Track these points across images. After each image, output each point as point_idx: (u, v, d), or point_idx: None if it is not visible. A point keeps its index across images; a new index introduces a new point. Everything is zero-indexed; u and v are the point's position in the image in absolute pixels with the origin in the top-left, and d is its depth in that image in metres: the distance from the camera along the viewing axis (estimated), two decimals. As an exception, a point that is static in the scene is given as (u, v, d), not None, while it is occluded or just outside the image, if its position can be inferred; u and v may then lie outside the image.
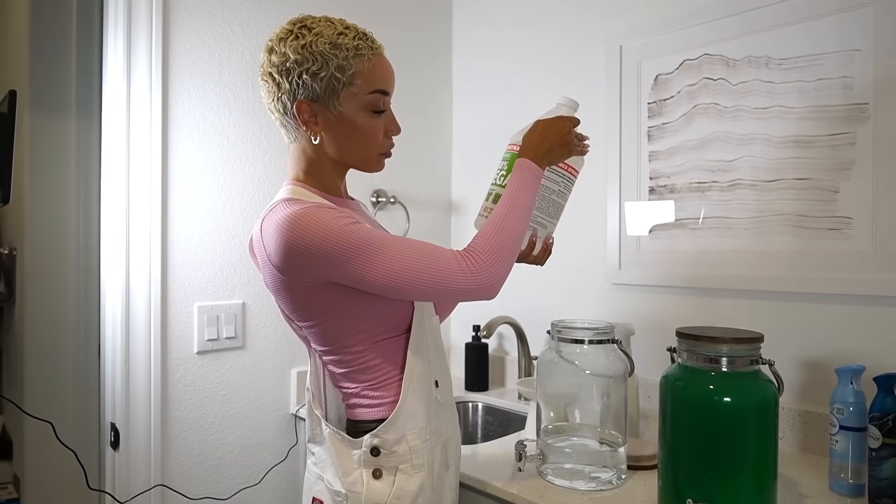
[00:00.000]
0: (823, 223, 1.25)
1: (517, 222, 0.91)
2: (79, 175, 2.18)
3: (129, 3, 1.37)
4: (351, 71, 0.87)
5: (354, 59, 0.87)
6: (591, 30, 1.66)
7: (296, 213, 0.82)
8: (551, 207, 1.04)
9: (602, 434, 1.14)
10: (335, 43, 0.86)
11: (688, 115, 1.45)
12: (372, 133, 0.91)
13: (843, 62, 1.23)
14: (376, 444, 0.89)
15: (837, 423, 1.05)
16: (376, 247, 0.83)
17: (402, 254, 0.84)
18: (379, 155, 0.95)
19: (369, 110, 0.90)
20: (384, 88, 0.91)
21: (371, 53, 0.89)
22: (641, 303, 1.54)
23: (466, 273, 0.85)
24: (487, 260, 0.86)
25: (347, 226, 0.83)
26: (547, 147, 0.97)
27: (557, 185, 1.04)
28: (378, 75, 0.90)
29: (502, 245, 0.88)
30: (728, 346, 0.90)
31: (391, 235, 0.88)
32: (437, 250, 0.86)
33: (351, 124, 0.89)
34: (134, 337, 1.37)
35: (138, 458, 1.35)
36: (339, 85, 0.87)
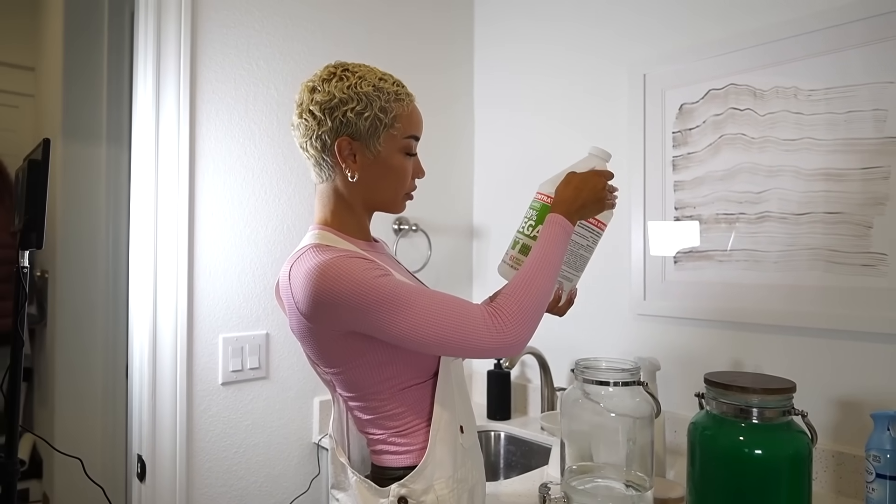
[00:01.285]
0: (856, 259, 1.22)
1: (546, 281, 0.90)
2: (108, 200, 2.24)
3: (157, 40, 1.40)
4: (392, 114, 0.91)
5: (395, 103, 0.91)
6: (614, 58, 1.65)
7: (325, 263, 0.82)
8: (578, 261, 1.03)
9: (628, 475, 1.12)
10: (377, 86, 0.90)
11: (714, 146, 1.43)
12: (404, 175, 0.95)
13: (875, 94, 1.20)
14: (404, 494, 0.88)
15: (874, 471, 1.01)
16: (404, 301, 0.83)
17: (429, 309, 0.83)
18: (404, 195, 0.98)
19: (404, 153, 0.93)
20: (418, 134, 0.96)
21: (408, 100, 0.94)
22: (667, 334, 1.52)
23: (493, 332, 0.84)
24: (515, 321, 0.85)
25: (377, 278, 0.83)
26: (581, 203, 0.95)
27: (586, 239, 1.02)
28: (414, 121, 0.94)
29: (531, 305, 0.87)
30: (759, 396, 0.88)
31: (419, 289, 0.86)
32: (464, 307, 0.85)
33: (387, 165, 0.92)
34: (161, 369, 1.39)
35: (164, 490, 1.37)
36: (380, 126, 0.90)
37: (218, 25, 1.48)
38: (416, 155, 0.97)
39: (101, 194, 2.23)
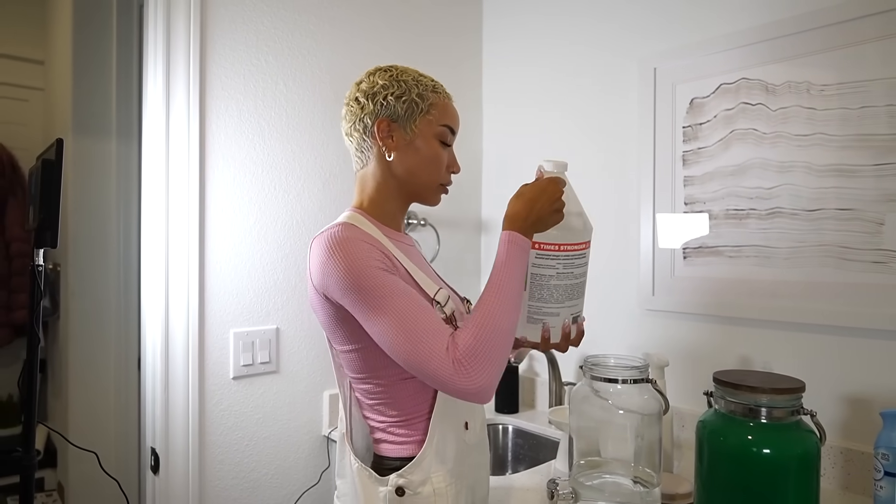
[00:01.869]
0: (868, 256, 1.21)
1: (505, 308, 0.84)
2: (119, 195, 2.26)
3: (167, 36, 1.41)
4: (429, 102, 0.97)
5: (432, 94, 0.98)
6: (624, 52, 1.64)
7: (338, 237, 0.87)
8: (556, 294, 0.92)
9: (636, 472, 1.13)
10: (416, 78, 0.98)
11: (724, 141, 1.42)
12: (438, 161, 0.98)
13: (888, 90, 1.18)
14: (402, 485, 0.90)
15: (882, 469, 1.01)
16: (382, 302, 0.83)
17: (398, 321, 0.82)
18: (439, 185, 1.01)
19: (438, 140, 0.98)
20: (453, 126, 1.00)
21: (445, 94, 1.00)
22: (675, 330, 1.52)
23: (452, 374, 0.80)
24: (475, 362, 0.80)
25: (372, 268, 0.85)
26: (536, 215, 0.88)
27: (553, 268, 0.90)
28: (450, 113, 1.00)
29: (491, 340, 0.81)
30: (768, 396, 0.88)
31: (404, 297, 0.84)
32: (431, 334, 0.82)
33: (422, 149, 0.97)
34: (173, 363, 1.40)
35: (178, 482, 1.39)
36: (417, 110, 0.96)
37: (227, 21, 1.48)
38: (451, 147, 1.01)
39: (112, 189, 2.25)
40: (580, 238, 0.92)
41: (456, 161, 1.02)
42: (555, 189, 0.90)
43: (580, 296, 0.95)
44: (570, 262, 0.91)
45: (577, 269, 0.93)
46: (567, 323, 0.94)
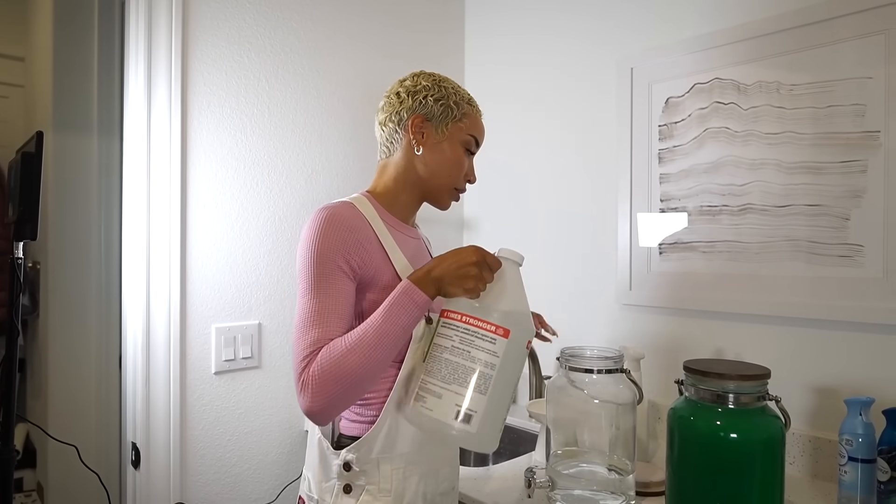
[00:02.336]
0: (835, 250, 1.25)
1: (371, 352, 0.83)
2: (100, 191, 2.24)
3: (149, 32, 1.41)
4: (462, 111, 1.04)
5: (467, 105, 1.05)
6: (603, 52, 1.67)
7: (328, 216, 0.92)
8: (444, 370, 0.84)
9: (611, 460, 1.15)
10: (456, 89, 1.06)
11: (699, 139, 1.46)
12: (459, 165, 1.05)
13: (854, 89, 1.23)
14: (349, 460, 0.93)
15: (846, 454, 1.05)
16: (310, 291, 0.89)
17: (305, 313, 0.88)
18: (454, 189, 1.06)
19: (464, 147, 1.05)
20: (479, 138, 1.07)
21: (478, 109, 1.08)
22: (651, 324, 1.55)
23: (298, 384, 0.84)
24: (314, 386, 0.82)
25: (331, 261, 0.90)
26: (439, 272, 0.85)
27: (450, 339, 0.85)
28: (479, 126, 1.07)
29: (334, 376, 0.82)
30: (735, 382, 0.91)
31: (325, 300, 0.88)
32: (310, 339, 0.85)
33: (447, 151, 1.03)
34: (154, 358, 1.41)
35: (158, 477, 1.39)
36: (450, 115, 1.03)
37: (209, 17, 1.49)
38: (472, 158, 1.08)
39: (93, 185, 2.24)
40: (495, 321, 0.84)
41: (474, 171, 1.09)
42: (468, 255, 0.86)
43: (476, 390, 0.82)
44: (469, 338, 0.83)
45: (477, 353, 0.83)
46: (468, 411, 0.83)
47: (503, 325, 0.83)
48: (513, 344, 0.84)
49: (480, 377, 0.83)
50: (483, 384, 0.83)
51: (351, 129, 1.76)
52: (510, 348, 0.84)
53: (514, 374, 0.87)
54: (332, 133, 1.72)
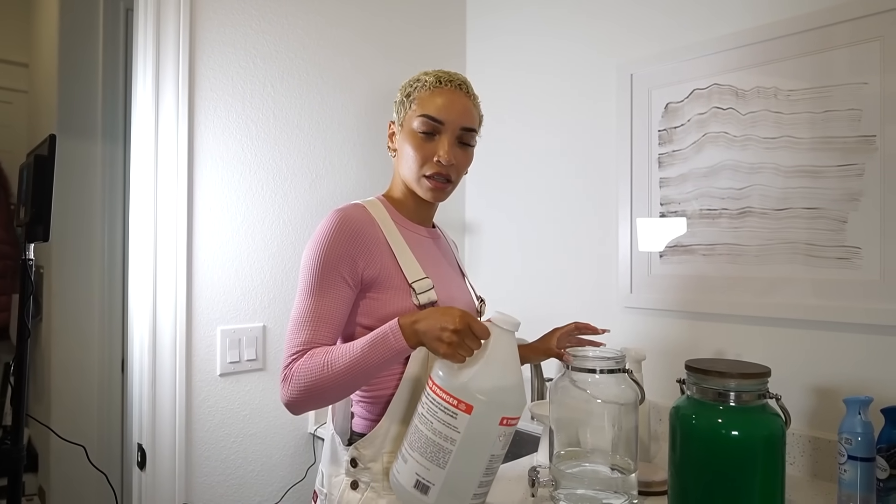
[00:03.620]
0: (832, 252, 1.27)
1: (340, 376, 0.86)
2: (104, 196, 2.26)
3: (157, 39, 1.43)
4: (412, 98, 1.02)
5: (420, 89, 1.02)
6: (603, 58, 1.70)
7: (338, 220, 0.96)
8: (413, 436, 0.83)
9: (614, 460, 1.17)
10: (417, 78, 1.04)
11: (698, 144, 1.48)
12: (412, 153, 1.00)
13: (850, 94, 1.25)
14: (355, 457, 0.95)
15: (846, 453, 1.06)
16: (308, 292, 0.94)
17: (300, 312, 0.93)
18: (422, 177, 1.01)
19: (417, 132, 1.00)
20: (434, 115, 0.99)
21: (434, 85, 1.01)
22: (653, 326, 1.57)
23: (282, 375, 0.91)
24: (295, 384, 0.88)
25: (333, 266, 0.93)
26: (422, 327, 0.84)
27: (422, 405, 0.83)
28: (431, 102, 1.00)
29: (313, 384, 0.86)
30: (736, 380, 0.92)
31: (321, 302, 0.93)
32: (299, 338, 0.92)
33: (404, 143, 1.03)
34: (160, 360, 1.42)
35: (164, 478, 1.40)
36: (404, 108, 1.03)
37: (216, 24, 1.51)
38: (437, 136, 1.00)
39: (97, 190, 2.25)
40: (457, 394, 0.79)
41: (442, 150, 0.99)
42: (451, 320, 0.82)
43: (434, 462, 0.80)
44: (434, 410, 0.81)
45: (438, 426, 0.80)
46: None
47: (466, 400, 0.79)
48: (478, 420, 0.79)
49: (439, 450, 0.80)
50: (442, 457, 0.80)
51: (355, 134, 1.78)
52: (474, 424, 0.79)
53: (482, 451, 0.81)
54: (336, 137, 1.74)
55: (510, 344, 0.83)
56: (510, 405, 0.82)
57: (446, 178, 1.01)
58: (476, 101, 1.07)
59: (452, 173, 1.02)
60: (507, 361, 0.83)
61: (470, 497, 0.83)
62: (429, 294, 0.99)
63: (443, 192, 1.03)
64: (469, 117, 1.02)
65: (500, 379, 0.82)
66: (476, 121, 1.05)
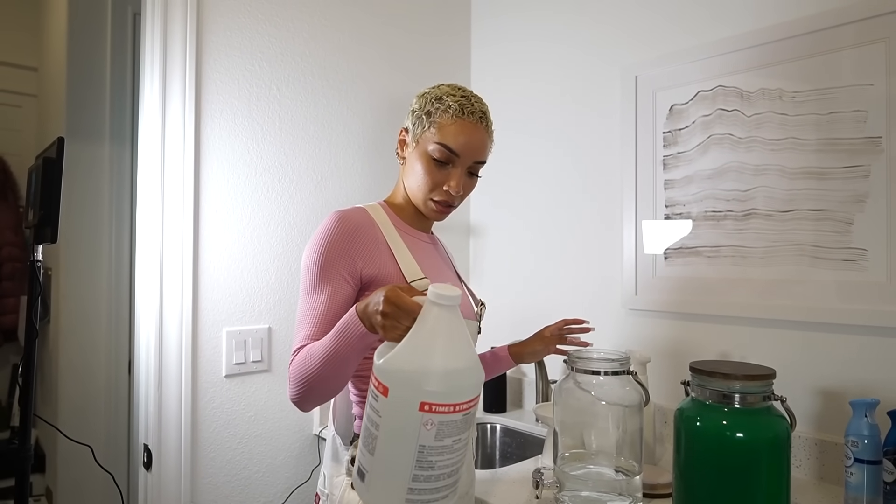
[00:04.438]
0: (838, 254, 1.26)
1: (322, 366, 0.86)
2: (111, 199, 2.28)
3: (164, 43, 1.45)
4: (433, 119, 1.02)
5: (442, 113, 1.01)
6: (607, 61, 1.70)
7: (337, 224, 0.97)
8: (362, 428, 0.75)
9: (618, 462, 1.17)
10: (440, 97, 1.03)
11: (703, 145, 1.48)
12: (422, 175, 1.02)
13: (856, 96, 1.25)
14: (354, 455, 0.95)
15: (852, 456, 1.06)
16: (309, 293, 0.95)
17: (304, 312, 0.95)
18: (429, 200, 1.04)
19: (431, 157, 1.01)
20: (452, 147, 1.00)
21: (457, 114, 1.00)
22: (657, 328, 1.57)
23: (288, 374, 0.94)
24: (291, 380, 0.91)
25: (333, 268, 0.94)
26: (363, 307, 0.80)
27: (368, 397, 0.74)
28: (451, 133, 1.00)
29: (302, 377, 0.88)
30: (741, 382, 0.92)
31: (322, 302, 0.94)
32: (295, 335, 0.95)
33: (416, 161, 1.03)
34: (166, 361, 1.43)
35: (170, 479, 1.41)
36: (421, 125, 1.03)
37: (222, 28, 1.52)
38: (450, 167, 1.01)
39: (105, 193, 2.27)
40: (379, 376, 0.71)
41: (454, 180, 1.01)
42: (377, 298, 0.77)
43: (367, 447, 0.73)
44: (369, 391, 0.73)
45: (368, 409, 0.73)
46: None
47: (383, 381, 0.70)
48: (394, 403, 0.70)
49: (369, 435, 0.73)
50: (371, 443, 0.72)
51: (360, 137, 1.78)
52: (391, 408, 0.70)
53: (406, 439, 0.70)
54: (341, 140, 1.75)
55: (445, 321, 0.71)
56: (432, 391, 0.68)
57: (450, 204, 1.05)
58: (491, 132, 1.08)
59: (457, 200, 1.06)
60: (435, 340, 0.70)
61: (405, 491, 0.72)
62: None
63: (445, 215, 1.07)
64: (483, 152, 1.04)
65: (423, 359, 0.70)
66: (488, 153, 1.07)
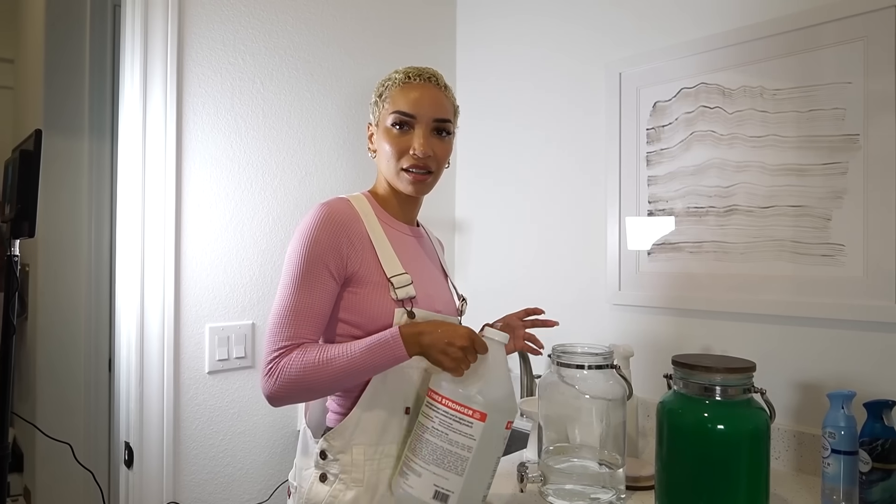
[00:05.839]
0: (817, 249, 1.29)
1: (338, 375, 0.89)
2: (91, 194, 2.24)
3: (145, 34, 1.42)
4: (385, 96, 1.03)
5: (391, 87, 1.03)
6: (592, 56, 1.71)
7: (323, 215, 0.96)
8: (425, 450, 0.88)
9: (602, 455, 1.18)
10: (389, 77, 1.05)
11: (685, 142, 1.49)
12: (387, 149, 1.02)
13: (834, 94, 1.27)
14: (324, 449, 0.95)
15: (829, 447, 1.08)
16: (291, 284, 0.93)
17: (283, 304, 0.93)
18: (400, 171, 1.01)
19: (390, 128, 1.01)
20: (405, 110, 1.00)
21: (403, 81, 1.02)
22: (641, 323, 1.58)
23: (266, 368, 0.91)
24: (285, 379, 0.88)
25: (319, 260, 0.93)
26: (428, 341, 0.88)
27: (431, 419, 0.89)
28: (401, 98, 1.01)
29: (307, 382, 0.88)
30: (721, 375, 0.94)
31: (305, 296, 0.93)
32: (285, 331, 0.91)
33: (381, 141, 1.03)
34: (148, 358, 1.41)
35: (151, 476, 1.39)
36: (378, 108, 1.04)
37: (204, 20, 1.50)
38: (412, 130, 1.00)
39: (84, 187, 2.23)
40: (472, 404, 0.86)
41: (416, 142, 0.99)
42: (460, 337, 0.88)
43: (452, 471, 0.86)
44: (448, 422, 0.87)
45: (455, 436, 0.86)
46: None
47: (481, 409, 0.86)
48: (490, 427, 0.87)
49: (457, 459, 0.86)
50: (460, 466, 0.86)
51: (344, 132, 1.77)
52: (487, 431, 0.86)
53: (492, 455, 0.90)
54: (326, 135, 1.74)
55: (503, 355, 0.91)
56: (513, 410, 0.91)
57: (426, 170, 1.01)
58: (449, 92, 1.06)
59: (432, 164, 1.01)
60: (504, 372, 0.91)
61: (481, 499, 0.91)
62: (407, 289, 0.98)
63: (423, 183, 1.02)
64: (441, 108, 1.02)
65: (503, 388, 0.90)
66: (449, 111, 1.04)
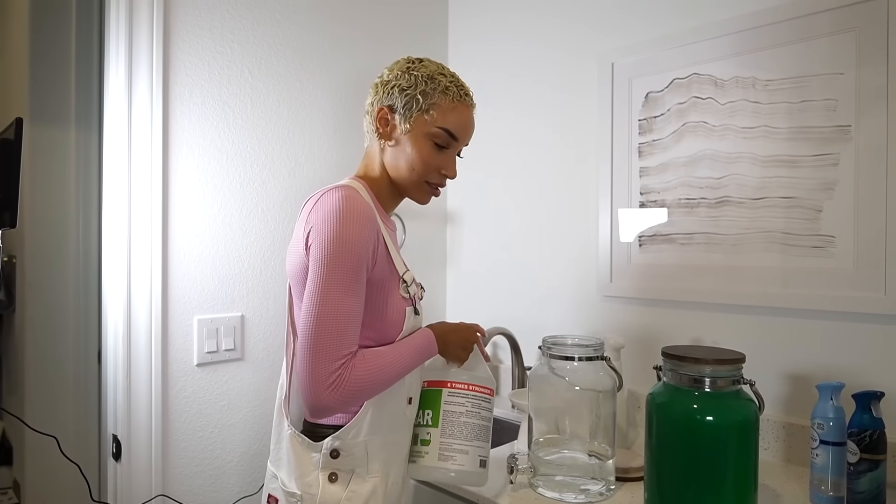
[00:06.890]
0: (808, 241, 1.29)
1: (392, 377, 0.94)
2: (78, 184, 2.21)
3: (130, 22, 1.40)
4: (431, 101, 0.99)
5: (439, 95, 0.99)
6: (584, 47, 1.70)
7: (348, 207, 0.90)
8: (465, 431, 1.02)
9: (591, 447, 1.18)
10: (432, 76, 0.99)
11: (677, 133, 1.49)
12: (422, 159, 1.00)
13: (826, 85, 1.26)
14: (337, 447, 0.93)
15: (818, 438, 1.08)
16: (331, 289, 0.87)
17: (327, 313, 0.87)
18: (423, 183, 1.02)
19: (431, 141, 0.99)
20: (454, 132, 1.01)
21: (457, 98, 1.00)
22: (631, 314, 1.58)
23: (325, 383, 0.85)
24: (355, 389, 0.88)
25: (355, 259, 0.89)
26: (452, 339, 1.05)
27: (463, 406, 1.03)
28: (453, 117, 1.00)
29: (372, 388, 0.91)
30: (711, 366, 0.93)
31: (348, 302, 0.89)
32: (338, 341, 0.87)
33: (410, 145, 0.99)
34: (135, 350, 1.40)
35: (140, 469, 1.38)
36: (416, 106, 0.98)
37: (191, 7, 1.48)
38: (449, 151, 1.02)
39: (70, 178, 2.20)
40: (487, 384, 1.06)
41: (451, 166, 1.04)
42: (472, 331, 1.08)
43: (486, 440, 1.05)
44: (478, 402, 1.04)
45: (484, 412, 1.05)
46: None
47: (491, 386, 1.07)
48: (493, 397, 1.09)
49: (487, 430, 1.05)
50: (489, 435, 1.06)
51: (334, 121, 1.76)
52: (493, 401, 1.08)
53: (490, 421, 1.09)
54: (316, 125, 1.72)
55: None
56: (494, 381, 1.11)
57: (442, 187, 1.07)
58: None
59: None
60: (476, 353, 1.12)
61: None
62: (412, 287, 1.01)
63: (434, 196, 1.08)
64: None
65: (488, 369, 1.12)
66: None
